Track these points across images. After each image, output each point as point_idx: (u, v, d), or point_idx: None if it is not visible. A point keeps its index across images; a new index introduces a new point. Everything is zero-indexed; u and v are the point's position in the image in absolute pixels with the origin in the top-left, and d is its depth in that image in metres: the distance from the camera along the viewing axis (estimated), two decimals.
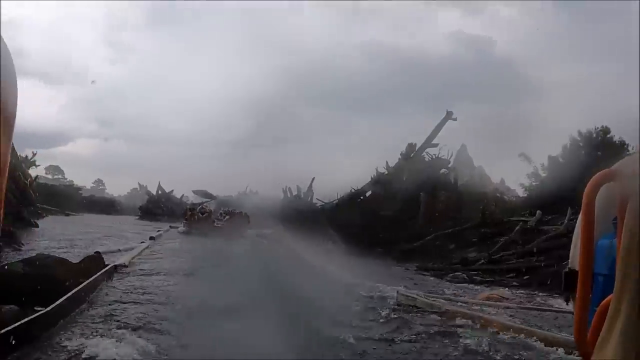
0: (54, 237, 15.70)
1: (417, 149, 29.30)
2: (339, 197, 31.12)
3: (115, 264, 10.26)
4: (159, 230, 22.66)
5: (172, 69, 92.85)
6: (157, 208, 37.24)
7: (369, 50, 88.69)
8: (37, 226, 18.13)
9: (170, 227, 26.09)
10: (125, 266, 10.59)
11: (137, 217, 36.42)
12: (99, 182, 72.20)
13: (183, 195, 40.68)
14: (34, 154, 24.52)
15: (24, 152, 24.40)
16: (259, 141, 66.70)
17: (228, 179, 41.83)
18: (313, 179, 31.15)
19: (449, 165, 27.91)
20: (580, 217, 1.31)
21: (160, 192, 40.30)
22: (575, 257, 1.47)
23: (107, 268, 8.93)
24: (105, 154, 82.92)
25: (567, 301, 1.78)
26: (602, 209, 1.28)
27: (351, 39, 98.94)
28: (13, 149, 17.27)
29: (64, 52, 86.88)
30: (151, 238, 18.47)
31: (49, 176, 61.97)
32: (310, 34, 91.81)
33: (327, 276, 11.76)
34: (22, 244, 12.45)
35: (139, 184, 46.29)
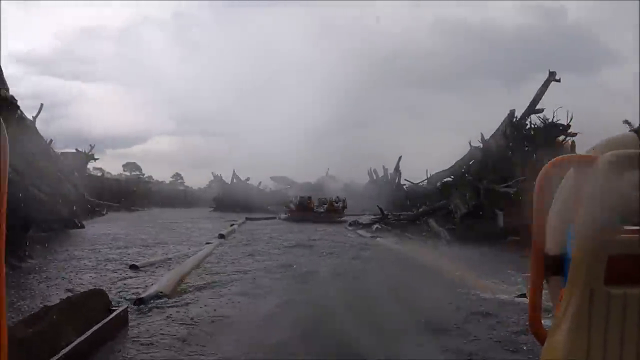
0: (94, 241, 11.80)
1: (519, 116, 24.33)
2: (428, 176, 26.70)
3: (141, 296, 5.86)
4: (232, 224, 18.51)
5: (244, 61, 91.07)
6: (232, 197, 33.49)
7: (440, 30, 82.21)
8: (82, 227, 14.43)
9: (247, 218, 22.01)
10: (165, 296, 6.16)
11: (211, 209, 33.01)
12: (177, 176, 70.96)
13: (260, 182, 37.80)
14: (92, 147, 21.42)
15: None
16: (340, 126, 63.08)
17: (307, 164, 40.64)
18: (400, 157, 27.37)
19: (569, 131, 22.13)
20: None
21: (235, 180, 36.73)
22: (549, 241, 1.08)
23: (100, 325, 4.37)
24: (183, 149, 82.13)
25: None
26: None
27: (421, 22, 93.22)
28: (49, 145, 13.43)
29: (137, 55, 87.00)
30: (221, 236, 14.26)
31: (127, 173, 61.24)
32: (381, 19, 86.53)
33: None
34: (29, 257, 8.43)
35: (212, 173, 43.05)
